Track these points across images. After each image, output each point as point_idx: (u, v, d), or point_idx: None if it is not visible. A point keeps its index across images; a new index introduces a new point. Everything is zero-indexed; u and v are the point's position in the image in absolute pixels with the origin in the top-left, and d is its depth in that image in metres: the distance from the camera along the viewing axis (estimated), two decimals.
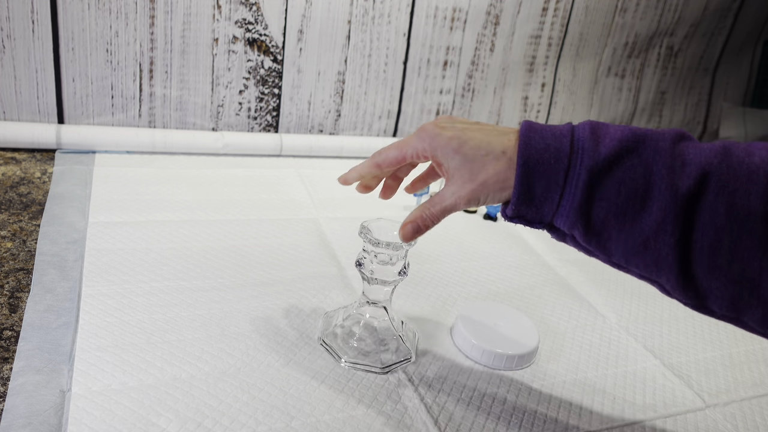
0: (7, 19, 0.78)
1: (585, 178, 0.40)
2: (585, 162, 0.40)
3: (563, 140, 0.41)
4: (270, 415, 0.47)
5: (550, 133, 0.42)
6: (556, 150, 0.41)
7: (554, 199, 0.41)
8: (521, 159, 0.41)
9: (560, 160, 0.41)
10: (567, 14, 1.08)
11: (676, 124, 1.34)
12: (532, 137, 0.42)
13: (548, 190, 0.41)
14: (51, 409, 0.43)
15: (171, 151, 0.89)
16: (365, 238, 0.50)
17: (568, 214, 0.41)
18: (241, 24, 0.89)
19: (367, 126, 1.03)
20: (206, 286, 0.61)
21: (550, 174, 0.41)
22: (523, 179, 0.41)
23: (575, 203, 0.40)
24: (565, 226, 0.42)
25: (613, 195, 0.40)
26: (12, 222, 0.67)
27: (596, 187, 0.40)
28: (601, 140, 0.41)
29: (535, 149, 0.41)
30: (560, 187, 0.41)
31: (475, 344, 0.56)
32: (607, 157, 0.40)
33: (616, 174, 0.40)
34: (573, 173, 0.40)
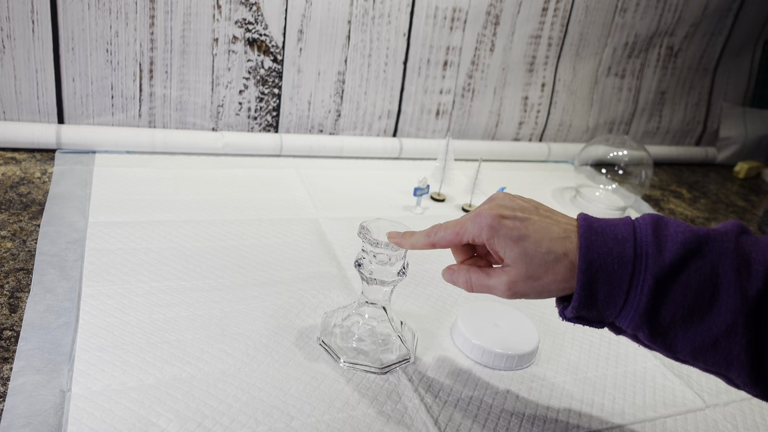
0: (7, 19, 0.78)
1: (651, 284, 0.40)
2: (650, 269, 0.40)
3: (626, 245, 0.41)
4: (270, 415, 0.47)
5: (612, 237, 0.41)
6: (620, 255, 0.41)
7: (618, 304, 0.41)
8: (584, 265, 0.41)
9: (624, 266, 0.40)
10: (567, 14, 1.08)
11: (676, 124, 1.34)
12: (594, 241, 0.41)
13: (612, 295, 0.41)
14: (51, 409, 0.43)
15: (171, 151, 0.89)
16: (364, 239, 0.50)
17: (632, 317, 0.41)
18: (241, 24, 0.89)
19: (367, 126, 1.03)
20: (206, 286, 0.61)
21: (613, 280, 0.41)
22: (585, 285, 0.41)
23: (640, 308, 0.40)
24: (629, 328, 0.42)
25: (679, 298, 0.40)
26: (12, 222, 0.67)
27: (662, 292, 0.40)
28: (665, 244, 0.40)
29: (597, 254, 0.41)
30: (624, 292, 0.41)
31: (476, 344, 0.56)
32: (672, 263, 0.39)
33: (681, 278, 0.39)
34: (637, 280, 0.40)
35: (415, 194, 0.86)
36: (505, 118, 1.13)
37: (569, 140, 1.22)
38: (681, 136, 1.37)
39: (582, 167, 1.00)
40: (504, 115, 1.13)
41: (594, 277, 0.41)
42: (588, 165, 1.00)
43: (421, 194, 0.86)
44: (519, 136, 1.16)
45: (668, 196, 1.14)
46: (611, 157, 0.98)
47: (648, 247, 0.40)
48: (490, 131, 1.13)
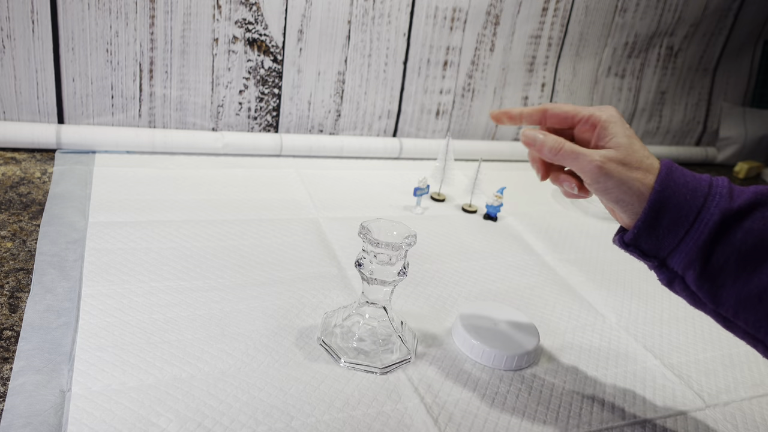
0: (7, 19, 0.78)
1: (717, 219, 0.41)
2: (720, 204, 0.41)
3: (702, 182, 0.43)
4: (270, 415, 0.47)
5: (691, 175, 0.44)
6: (694, 189, 0.42)
7: (678, 234, 0.42)
8: (659, 184, 0.42)
9: (696, 198, 0.42)
10: (567, 14, 1.08)
11: (676, 124, 1.34)
12: (674, 170, 0.43)
13: (675, 224, 0.42)
14: (51, 409, 0.43)
15: (171, 151, 0.89)
16: (365, 238, 0.50)
17: (687, 251, 0.42)
18: (241, 24, 0.89)
19: (367, 126, 1.03)
20: (206, 286, 0.61)
21: (682, 208, 0.42)
22: (654, 205, 0.42)
23: (699, 241, 0.41)
24: (679, 266, 0.42)
25: (738, 241, 0.40)
26: (12, 222, 0.67)
27: (724, 231, 0.41)
28: (737, 192, 0.42)
29: (674, 181, 0.43)
30: (689, 222, 0.42)
31: (476, 344, 0.56)
32: (740, 207, 0.41)
33: (745, 223, 0.41)
34: (706, 212, 0.41)
35: (415, 194, 0.86)
36: None
37: None
38: (681, 136, 1.37)
39: None
40: None
41: (664, 201, 0.42)
42: None
43: (421, 194, 0.86)
44: (519, 136, 1.16)
45: None
46: None
47: (722, 189, 0.42)
48: (490, 131, 1.13)
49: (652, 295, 0.74)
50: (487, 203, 0.87)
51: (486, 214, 0.88)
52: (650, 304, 0.72)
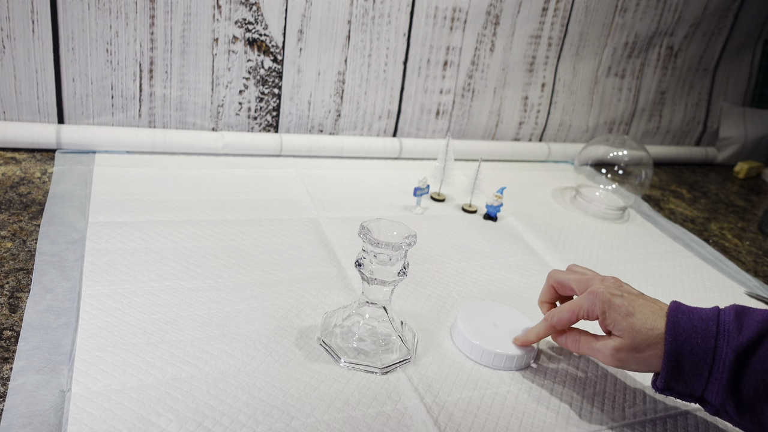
0: (7, 19, 0.78)
1: (732, 357, 0.44)
2: (731, 342, 0.44)
3: (709, 323, 0.46)
4: (270, 415, 0.47)
5: (697, 316, 0.47)
6: (703, 331, 0.46)
7: (703, 377, 0.46)
8: (670, 336, 0.46)
9: (707, 340, 0.45)
10: (567, 14, 1.08)
11: (676, 124, 1.34)
12: (680, 318, 0.47)
13: (697, 368, 0.46)
14: (51, 409, 0.43)
15: (171, 151, 0.89)
16: (365, 238, 0.50)
17: (718, 390, 0.45)
18: (241, 24, 0.89)
19: (367, 126, 1.03)
20: (206, 286, 0.61)
21: (697, 353, 0.45)
22: (671, 354, 0.46)
23: (724, 381, 0.45)
24: (716, 401, 0.45)
25: (759, 373, 0.43)
26: (12, 222, 0.67)
27: (743, 365, 0.44)
28: (745, 323, 0.45)
29: (683, 329, 0.46)
30: (708, 365, 0.45)
31: (475, 344, 0.56)
32: (750, 339, 0.44)
33: (760, 353, 0.43)
34: (720, 353, 0.45)
35: (415, 194, 0.86)
36: (505, 118, 1.13)
37: (569, 140, 1.22)
38: (681, 136, 1.37)
39: (582, 167, 1.00)
40: (504, 115, 1.13)
41: (679, 350, 0.46)
42: (588, 165, 1.00)
43: (421, 194, 0.86)
44: (519, 136, 1.16)
45: (668, 196, 1.14)
46: (611, 157, 0.98)
47: (729, 326, 0.45)
48: (490, 131, 1.13)
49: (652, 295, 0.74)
50: (487, 203, 0.87)
51: (486, 214, 0.88)
52: None
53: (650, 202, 1.09)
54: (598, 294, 0.51)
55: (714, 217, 1.08)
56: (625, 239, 0.90)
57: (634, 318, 0.48)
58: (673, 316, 0.47)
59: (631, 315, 0.48)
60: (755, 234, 1.04)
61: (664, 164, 1.32)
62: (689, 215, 1.07)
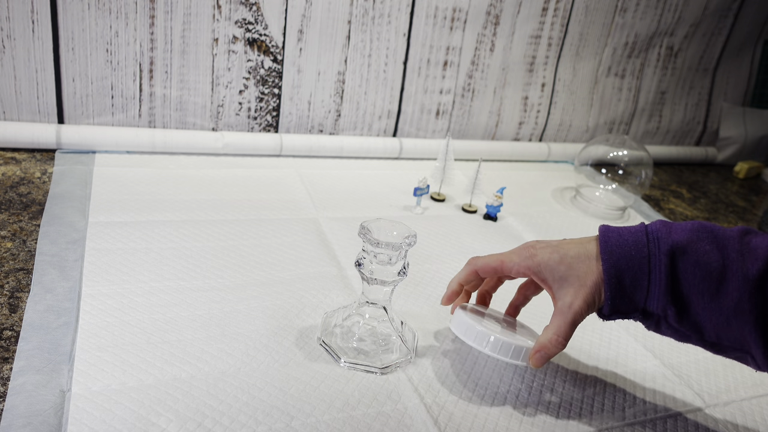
0: (7, 19, 0.78)
1: (666, 261, 0.45)
2: (662, 247, 0.45)
3: (638, 234, 0.46)
4: (270, 415, 0.47)
5: (626, 230, 0.47)
6: (635, 242, 0.46)
7: (643, 286, 0.46)
8: (605, 255, 0.46)
9: (640, 250, 0.46)
10: (567, 14, 1.08)
11: (676, 124, 1.34)
12: (609, 236, 0.47)
13: (636, 279, 0.46)
14: (51, 409, 0.43)
15: (171, 151, 0.89)
16: (365, 238, 0.50)
17: (658, 296, 0.45)
18: (241, 24, 0.89)
19: (367, 126, 1.03)
20: (206, 286, 0.61)
21: (634, 264, 0.45)
22: (610, 272, 0.46)
23: (662, 285, 0.45)
24: (658, 309, 0.45)
25: (690, 275, 0.44)
26: (12, 222, 0.67)
27: (677, 268, 0.44)
28: (673, 229, 0.45)
29: (615, 245, 0.46)
30: (646, 273, 0.45)
31: (481, 330, 0.52)
32: (680, 242, 0.44)
33: (691, 257, 0.44)
34: (654, 260, 0.45)
35: (415, 194, 0.86)
36: (505, 118, 1.13)
37: (569, 140, 1.22)
38: (681, 136, 1.37)
39: (582, 167, 1.00)
40: (504, 115, 1.13)
41: (616, 264, 0.46)
42: (588, 165, 1.00)
43: (421, 194, 0.86)
44: (519, 136, 1.16)
45: (668, 196, 1.14)
46: (611, 157, 0.98)
47: (658, 232, 0.46)
48: (490, 131, 1.13)
49: None
50: (487, 203, 0.87)
51: (486, 214, 0.88)
52: None
53: (650, 202, 1.09)
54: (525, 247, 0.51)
55: (714, 217, 1.08)
56: None
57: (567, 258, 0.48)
58: (603, 236, 0.47)
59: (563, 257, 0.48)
60: None
61: (664, 164, 1.32)
62: (689, 215, 1.07)
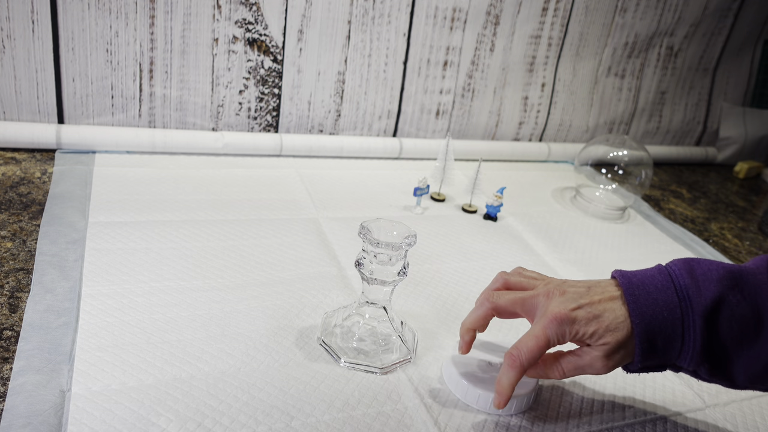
0: (7, 19, 0.78)
1: (701, 323, 0.44)
2: (696, 309, 0.44)
3: (668, 292, 0.45)
4: (270, 415, 0.47)
5: (653, 286, 0.46)
6: (665, 303, 0.45)
7: (676, 348, 0.45)
8: (636, 319, 0.45)
9: (672, 312, 0.45)
10: (567, 14, 1.08)
11: (676, 124, 1.34)
12: (638, 296, 0.45)
13: (669, 341, 0.45)
14: (51, 409, 0.43)
15: (171, 151, 0.89)
16: (365, 238, 0.50)
17: (692, 357, 0.45)
18: (241, 24, 0.89)
19: (367, 126, 1.03)
20: (206, 286, 0.61)
21: (666, 326, 0.45)
22: (642, 337, 0.45)
23: (697, 347, 0.44)
24: (690, 366, 0.45)
25: (727, 331, 0.43)
26: (12, 222, 0.67)
27: (712, 328, 0.44)
28: (701, 284, 0.44)
29: (645, 306, 0.45)
30: (679, 336, 0.45)
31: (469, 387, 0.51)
32: (713, 299, 0.44)
33: (725, 312, 0.44)
34: (688, 322, 0.44)
35: (415, 194, 0.86)
36: (505, 118, 1.13)
37: (569, 140, 1.22)
38: (681, 136, 1.37)
39: (582, 167, 1.00)
40: (504, 115, 1.13)
41: (648, 329, 0.45)
42: (588, 165, 1.00)
43: (421, 194, 0.86)
44: (519, 136, 1.16)
45: (668, 196, 1.14)
46: (611, 157, 0.98)
47: (688, 290, 0.45)
48: (490, 131, 1.13)
49: None
50: (487, 203, 0.87)
51: (486, 214, 0.88)
52: None
53: (650, 202, 1.09)
54: (558, 317, 0.46)
55: (714, 217, 1.08)
56: (625, 239, 0.90)
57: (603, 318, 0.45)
58: (630, 296, 0.45)
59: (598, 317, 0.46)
60: (755, 234, 1.04)
61: (664, 164, 1.32)
62: (689, 215, 1.07)
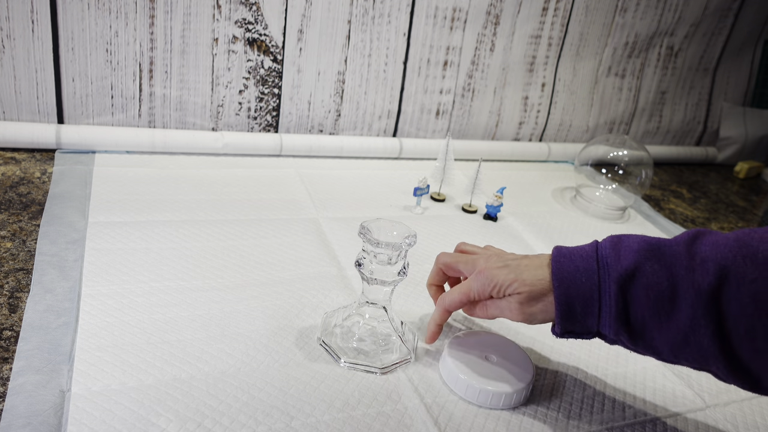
0: (7, 19, 0.78)
1: (615, 288, 0.45)
2: (612, 274, 0.45)
3: (589, 260, 0.47)
4: (270, 415, 0.47)
5: (578, 255, 0.48)
6: (586, 269, 0.47)
7: (594, 312, 0.46)
8: (556, 282, 0.47)
9: (590, 277, 0.46)
10: (567, 14, 1.08)
11: (676, 124, 1.34)
12: (562, 262, 0.48)
13: (587, 305, 0.46)
14: (51, 409, 0.43)
15: (171, 151, 0.89)
16: (365, 238, 0.50)
17: (610, 323, 0.46)
18: (241, 24, 0.89)
19: (367, 126, 1.03)
20: (206, 286, 0.61)
21: (584, 291, 0.46)
22: (561, 299, 0.47)
23: (613, 312, 0.45)
24: (611, 333, 0.46)
25: (643, 299, 0.44)
26: (12, 222, 0.67)
27: (627, 295, 0.45)
28: (621, 252, 0.45)
29: (566, 271, 0.47)
30: (596, 300, 0.46)
31: (463, 380, 0.52)
32: (629, 268, 0.45)
33: (641, 280, 0.44)
34: (604, 287, 0.46)
35: (415, 194, 0.86)
36: (505, 118, 1.13)
37: (569, 140, 1.22)
38: (681, 136, 1.37)
39: (582, 167, 1.00)
40: (504, 115, 1.13)
41: (567, 292, 0.47)
42: (588, 165, 1.00)
43: (421, 194, 0.86)
44: (519, 136, 1.16)
45: (668, 196, 1.14)
46: (611, 157, 0.98)
47: (608, 258, 0.46)
48: (490, 131, 1.13)
49: None
50: (487, 203, 0.87)
51: (486, 214, 0.88)
52: None
53: (650, 202, 1.09)
54: (483, 272, 0.51)
55: (714, 217, 1.08)
56: None
57: (523, 275, 0.49)
58: (555, 262, 0.48)
59: (518, 275, 0.49)
60: None
61: (664, 164, 1.32)
62: (689, 215, 1.07)
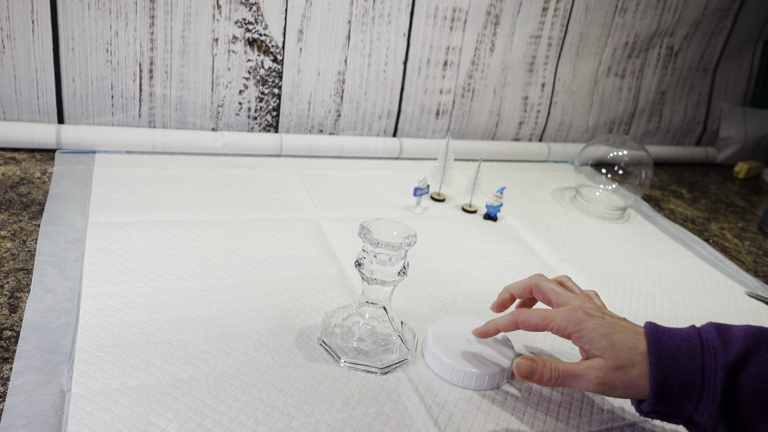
0: (7, 19, 0.78)
1: (722, 375, 0.41)
2: (719, 360, 0.42)
3: (692, 341, 0.43)
4: (270, 415, 0.47)
5: (678, 335, 0.44)
6: (688, 349, 0.43)
7: (693, 399, 0.43)
8: (654, 357, 0.43)
9: (694, 359, 0.42)
10: (567, 14, 1.08)
11: (675, 124, 1.34)
12: (661, 337, 0.44)
13: (687, 390, 0.43)
14: (51, 409, 0.43)
15: (171, 151, 0.89)
16: (365, 238, 0.50)
17: (710, 411, 0.42)
18: (241, 24, 0.89)
19: (367, 126, 1.03)
20: (206, 286, 0.61)
21: (685, 373, 0.42)
22: (658, 377, 0.43)
23: (716, 402, 0.42)
24: (708, 423, 0.43)
25: (751, 391, 0.41)
26: (12, 222, 0.67)
27: (734, 384, 0.41)
28: (728, 339, 0.42)
29: (666, 348, 0.43)
30: (698, 386, 0.42)
31: (445, 362, 0.53)
32: (738, 355, 0.42)
33: (751, 370, 0.41)
34: (708, 371, 0.42)
35: (415, 194, 0.86)
36: (505, 118, 1.13)
37: (569, 140, 1.22)
38: (681, 136, 1.37)
39: (582, 167, 1.00)
40: (504, 115, 1.13)
41: (666, 371, 0.43)
42: (588, 165, 1.00)
43: (421, 194, 0.86)
44: (519, 136, 1.16)
45: (668, 196, 1.14)
46: (611, 157, 0.98)
47: (713, 342, 0.43)
48: (490, 131, 1.13)
49: (652, 295, 0.74)
50: (487, 203, 0.87)
51: (486, 214, 0.88)
52: (650, 304, 0.72)
53: (650, 202, 1.09)
54: (576, 310, 0.48)
55: (714, 217, 1.08)
56: (625, 239, 0.90)
57: (614, 337, 0.45)
58: (653, 336, 0.45)
59: (610, 334, 0.46)
60: (755, 234, 1.04)
61: (664, 164, 1.32)
62: (689, 215, 1.07)
